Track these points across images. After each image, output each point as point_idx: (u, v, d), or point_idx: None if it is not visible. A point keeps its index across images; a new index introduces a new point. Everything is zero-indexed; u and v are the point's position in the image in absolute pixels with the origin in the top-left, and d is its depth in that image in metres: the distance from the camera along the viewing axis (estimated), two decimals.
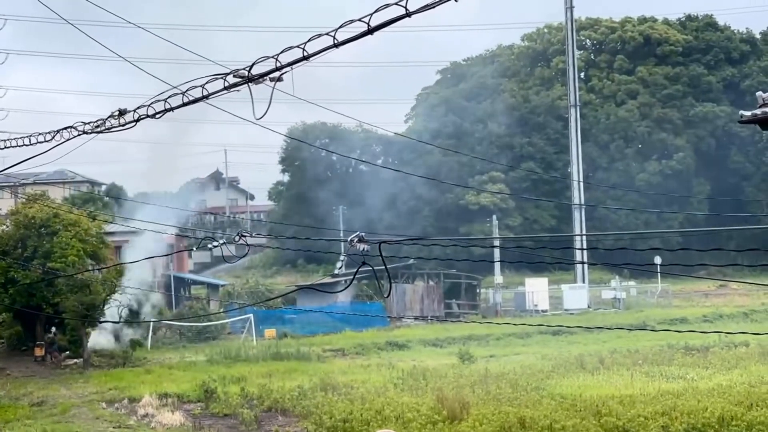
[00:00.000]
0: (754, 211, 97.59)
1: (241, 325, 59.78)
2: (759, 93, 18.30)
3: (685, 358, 39.18)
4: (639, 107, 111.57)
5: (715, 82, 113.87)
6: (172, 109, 10.96)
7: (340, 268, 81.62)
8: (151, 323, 56.84)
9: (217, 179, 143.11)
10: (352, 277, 15.11)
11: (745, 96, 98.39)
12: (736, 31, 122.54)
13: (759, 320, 59.64)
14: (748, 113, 18.01)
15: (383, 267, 12.60)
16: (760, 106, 17.57)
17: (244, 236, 14.76)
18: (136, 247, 54.59)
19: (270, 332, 58.23)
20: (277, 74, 9.27)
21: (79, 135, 13.95)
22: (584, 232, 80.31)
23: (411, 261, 73.12)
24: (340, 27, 8.05)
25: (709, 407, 25.20)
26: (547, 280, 75.54)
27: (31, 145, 15.82)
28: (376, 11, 7.52)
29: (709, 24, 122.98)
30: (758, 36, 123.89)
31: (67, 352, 51.70)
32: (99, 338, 53.78)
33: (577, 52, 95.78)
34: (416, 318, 68.93)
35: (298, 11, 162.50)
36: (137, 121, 12.02)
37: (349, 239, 12.36)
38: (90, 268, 47.54)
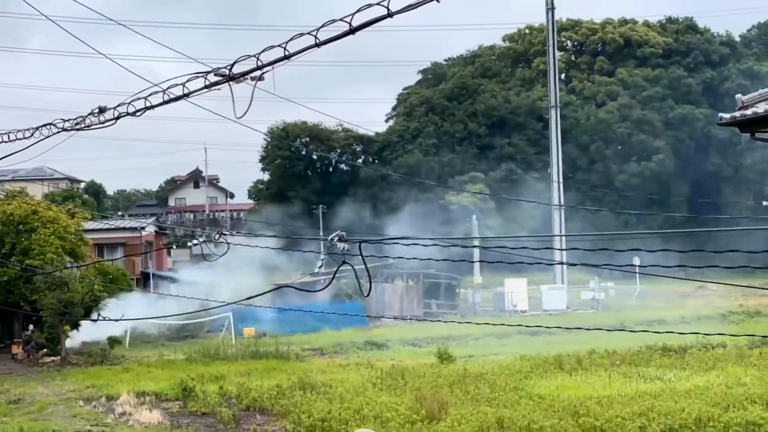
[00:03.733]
0: (733, 212, 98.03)
1: (220, 324, 59.66)
2: (738, 95, 18.42)
3: (662, 359, 39.30)
4: (619, 109, 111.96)
5: (694, 85, 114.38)
6: (152, 107, 10.93)
7: (320, 267, 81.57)
8: (129, 321, 56.60)
9: (196, 177, 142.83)
10: (331, 276, 15.13)
11: (725, 98, 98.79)
12: (716, 34, 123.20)
13: (736, 321, 59.92)
14: (727, 116, 18.12)
15: (363, 266, 12.62)
16: (740, 109, 17.68)
17: (224, 234, 14.74)
18: None
19: (249, 331, 58.14)
20: (258, 73, 9.26)
21: (58, 132, 13.90)
22: (563, 232, 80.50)
23: (391, 260, 73.11)
24: (322, 26, 8.04)
25: (686, 408, 25.30)
26: (526, 281, 75.60)
27: (9, 141, 15.73)
28: (358, 11, 7.52)
29: (689, 26, 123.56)
30: (738, 39, 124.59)
31: (45, 350, 51.50)
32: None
33: (557, 54, 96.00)
34: (395, 317, 68.90)
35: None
36: (117, 118, 11.99)
37: (329, 238, 12.36)
38: (68, 265, 47.36)
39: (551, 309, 72.23)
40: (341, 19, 7.75)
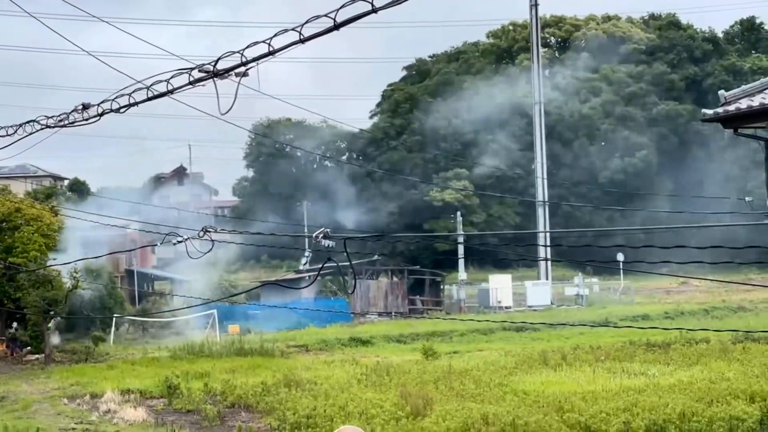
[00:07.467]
0: (716, 209, 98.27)
1: (204, 321, 59.59)
2: (721, 92, 18.52)
3: (646, 355, 39.42)
4: (602, 105, 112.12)
5: (677, 81, 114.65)
6: (136, 103, 10.90)
7: (304, 264, 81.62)
8: (114, 319, 56.53)
9: (180, 174, 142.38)
10: (316, 273, 15.13)
11: (708, 94, 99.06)
12: (698, 30, 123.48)
13: (719, 317, 60.17)
14: (710, 112, 18.22)
15: (348, 263, 12.59)
16: (723, 105, 17.77)
17: (209, 232, 14.69)
18: None
19: (233, 328, 58.09)
20: (242, 69, 9.24)
21: (41, 129, 13.84)
22: (548, 229, 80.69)
23: (375, 257, 73.13)
24: (306, 22, 8.04)
25: (670, 403, 25.38)
26: (510, 277, 75.78)
27: None
28: (342, 7, 7.52)
29: (672, 23, 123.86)
30: (720, 35, 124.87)
31: (29, 348, 51.33)
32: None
33: (541, 50, 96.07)
34: (380, 314, 69.01)
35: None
36: (101, 115, 11.94)
37: (314, 235, 12.34)
38: (52, 263, 47.18)
39: (536, 305, 72.43)
40: (325, 15, 7.75)
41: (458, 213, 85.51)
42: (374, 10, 7.33)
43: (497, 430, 23.99)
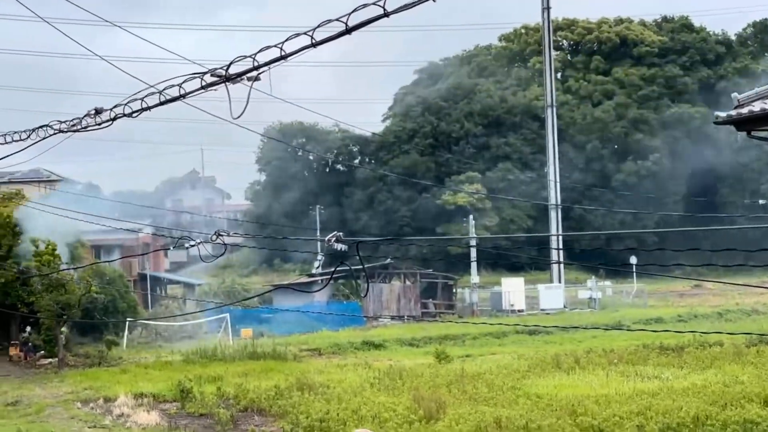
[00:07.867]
0: (729, 211, 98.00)
1: (217, 325, 59.64)
2: (734, 94, 18.44)
3: (660, 358, 39.30)
4: (615, 108, 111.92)
5: (690, 83, 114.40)
6: (149, 108, 10.93)
7: (317, 267, 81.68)
8: (127, 322, 56.64)
9: (193, 178, 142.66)
10: (329, 276, 15.14)
11: (721, 97, 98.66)
12: (711, 33, 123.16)
13: (733, 320, 59.94)
14: (723, 114, 18.15)
15: (360, 266, 12.60)
16: (736, 107, 17.70)
17: (221, 235, 14.72)
18: None
19: (246, 332, 58.09)
20: (254, 74, 9.26)
21: (55, 133, 13.89)
22: (560, 232, 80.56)
23: (388, 260, 73.10)
24: (318, 26, 8.04)
25: (684, 407, 25.30)
26: (523, 280, 75.65)
27: (6, 143, 15.74)
28: (354, 11, 7.53)
29: (685, 25, 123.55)
30: (733, 37, 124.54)
31: (42, 352, 51.46)
32: None
33: (553, 53, 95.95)
34: (393, 317, 68.93)
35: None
36: (114, 120, 11.98)
37: (326, 239, 12.35)
38: (65, 267, 47.29)
39: (548, 308, 72.28)
40: (337, 19, 7.76)
41: (471, 216, 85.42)
42: (386, 14, 7.34)
43: None
